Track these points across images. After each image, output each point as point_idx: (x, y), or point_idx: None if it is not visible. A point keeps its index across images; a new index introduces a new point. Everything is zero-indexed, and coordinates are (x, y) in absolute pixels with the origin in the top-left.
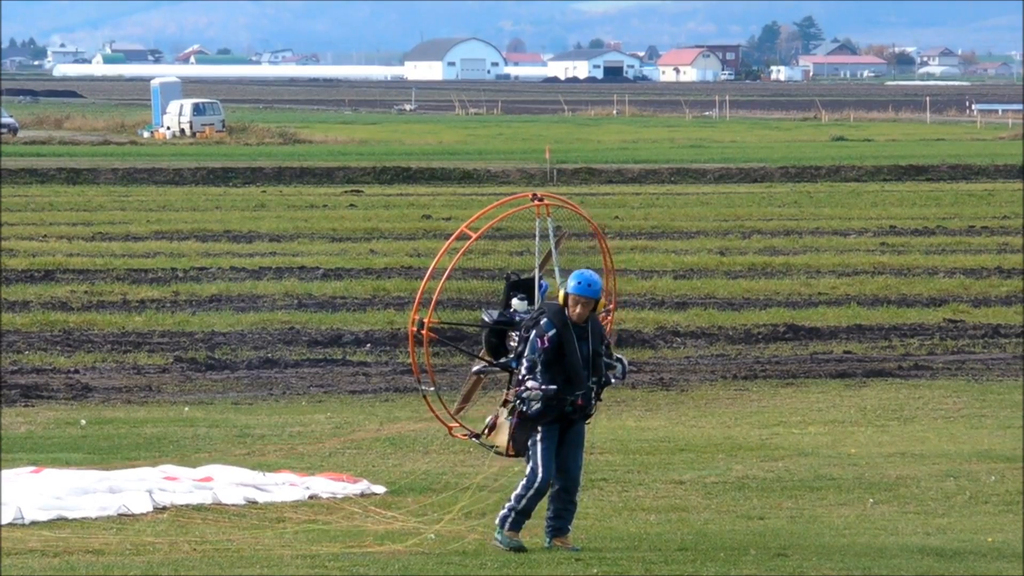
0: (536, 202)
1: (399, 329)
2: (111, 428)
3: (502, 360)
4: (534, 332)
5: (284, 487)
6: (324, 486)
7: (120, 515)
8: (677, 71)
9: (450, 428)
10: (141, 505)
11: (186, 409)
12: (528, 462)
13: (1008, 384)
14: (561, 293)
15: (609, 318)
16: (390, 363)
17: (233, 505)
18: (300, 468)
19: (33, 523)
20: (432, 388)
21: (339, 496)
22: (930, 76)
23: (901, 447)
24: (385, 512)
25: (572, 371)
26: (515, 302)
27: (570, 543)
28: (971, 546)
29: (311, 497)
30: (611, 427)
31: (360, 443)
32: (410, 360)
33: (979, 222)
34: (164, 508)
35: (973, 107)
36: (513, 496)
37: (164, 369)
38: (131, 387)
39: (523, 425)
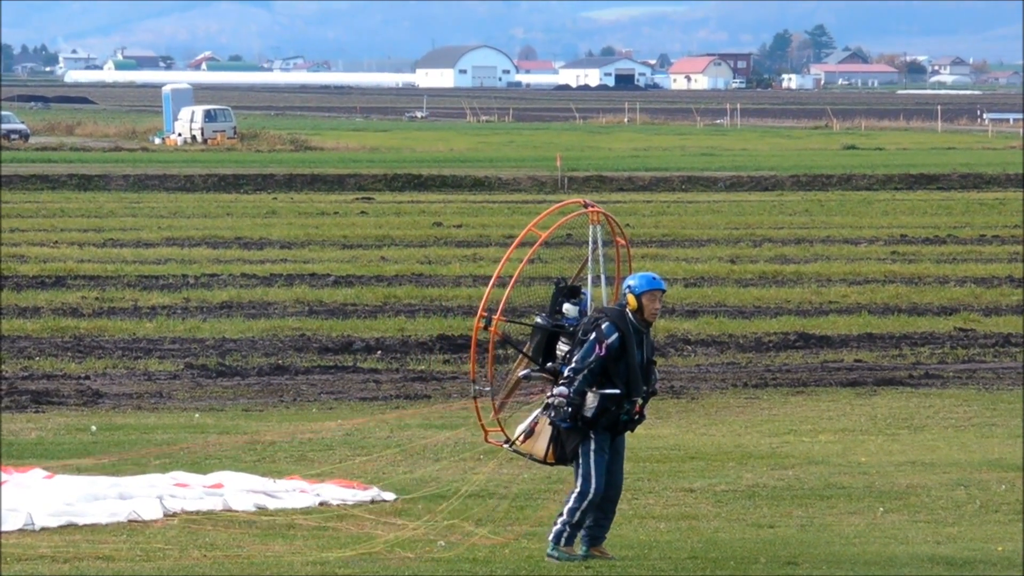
0: (588, 208)
1: (410, 336)
2: (122, 434)
3: (549, 365)
4: (593, 336)
5: (294, 494)
6: (334, 493)
7: (130, 521)
8: (688, 79)
9: (487, 432)
10: (151, 512)
11: (196, 416)
12: (578, 473)
13: (1019, 393)
14: (630, 297)
15: None
16: (401, 370)
17: (243, 512)
18: (310, 475)
19: (44, 529)
20: (487, 389)
21: (349, 503)
22: (941, 85)
23: (911, 456)
24: (395, 519)
25: (631, 376)
26: (567, 307)
27: (607, 551)
28: (981, 555)
29: (321, 504)
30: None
31: (371, 450)
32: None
33: (990, 231)
34: (174, 515)
35: (984, 116)
36: (566, 511)
37: (175, 375)
38: (142, 393)
39: (574, 431)
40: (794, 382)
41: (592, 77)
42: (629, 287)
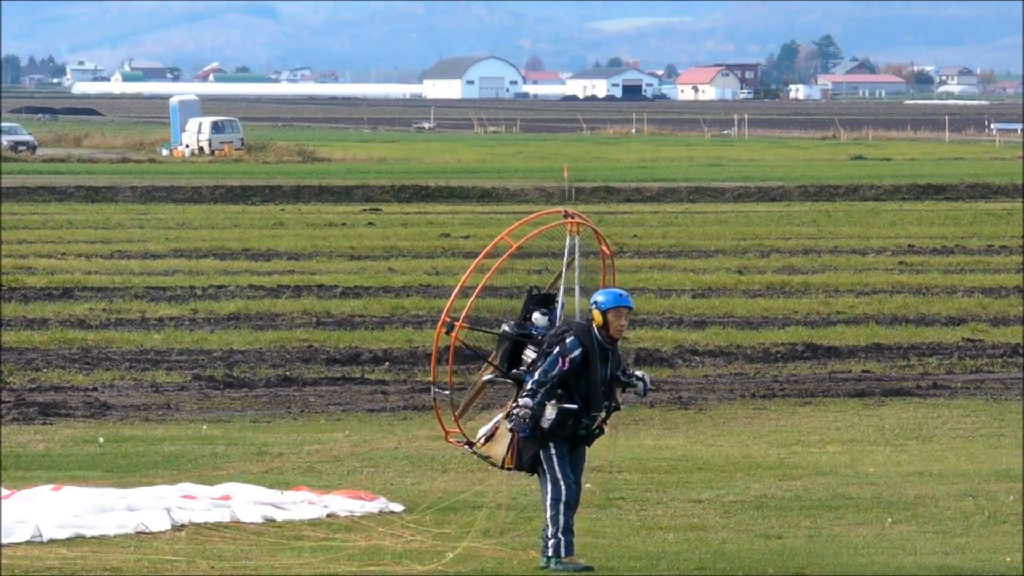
0: (568, 219)
1: (418, 347)
2: (129, 446)
3: (514, 372)
4: (557, 349)
5: (302, 505)
6: (342, 504)
7: (138, 533)
8: (696, 90)
9: (447, 434)
10: (159, 523)
11: (204, 427)
12: (545, 479)
13: None
14: (596, 313)
15: None
16: (408, 381)
17: (251, 523)
18: (318, 486)
19: (51, 541)
20: (447, 392)
21: (357, 514)
22: (949, 95)
23: (919, 466)
24: (403, 530)
25: (592, 392)
26: (536, 316)
27: (575, 558)
28: (989, 566)
29: (329, 515)
30: (629, 446)
31: (378, 461)
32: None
33: (998, 241)
34: (182, 526)
35: (992, 126)
36: (548, 520)
37: (182, 387)
38: (149, 405)
39: (531, 441)
40: (802, 393)
41: (599, 88)
42: (595, 303)
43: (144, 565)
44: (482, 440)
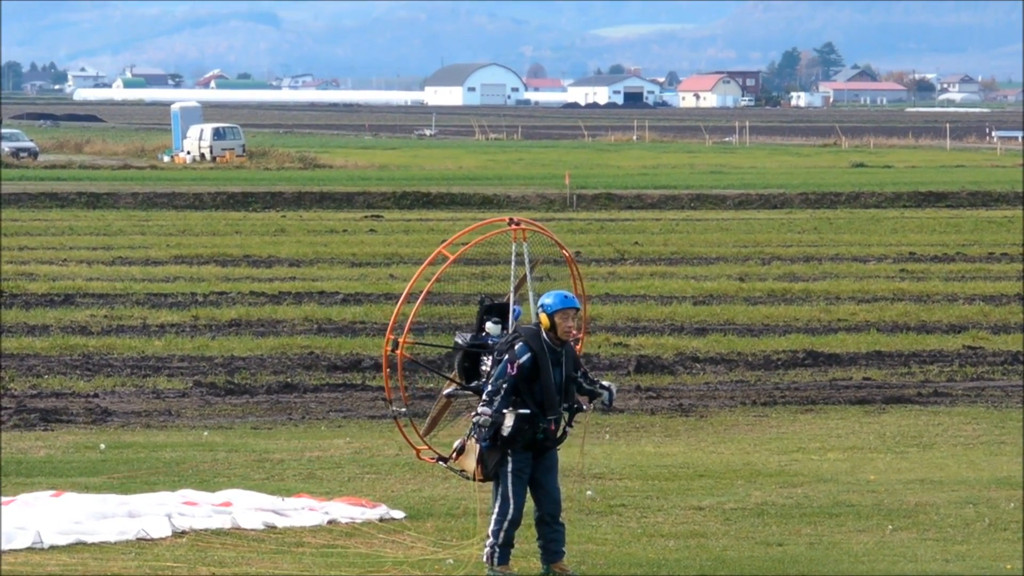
0: (512, 226)
1: (419, 354)
2: (130, 452)
3: (473, 384)
4: (506, 357)
5: (303, 512)
6: (343, 511)
7: (139, 539)
8: (697, 97)
9: (418, 451)
10: (160, 530)
11: (205, 434)
12: (497, 492)
13: None
14: (543, 316)
15: (579, 346)
16: (409, 388)
17: (252, 530)
18: (319, 493)
19: (52, 547)
20: (404, 410)
21: (358, 521)
22: (950, 103)
23: (920, 474)
24: (404, 537)
25: (546, 396)
26: (489, 326)
27: (568, 568)
28: (990, 573)
29: (330, 522)
30: (630, 453)
31: (379, 467)
32: (384, 384)
33: (999, 249)
34: (183, 533)
35: (993, 134)
36: (490, 532)
37: (183, 394)
38: (150, 411)
39: (493, 450)
40: (803, 400)
41: (601, 95)
42: (542, 306)
43: (145, 571)
44: (454, 454)
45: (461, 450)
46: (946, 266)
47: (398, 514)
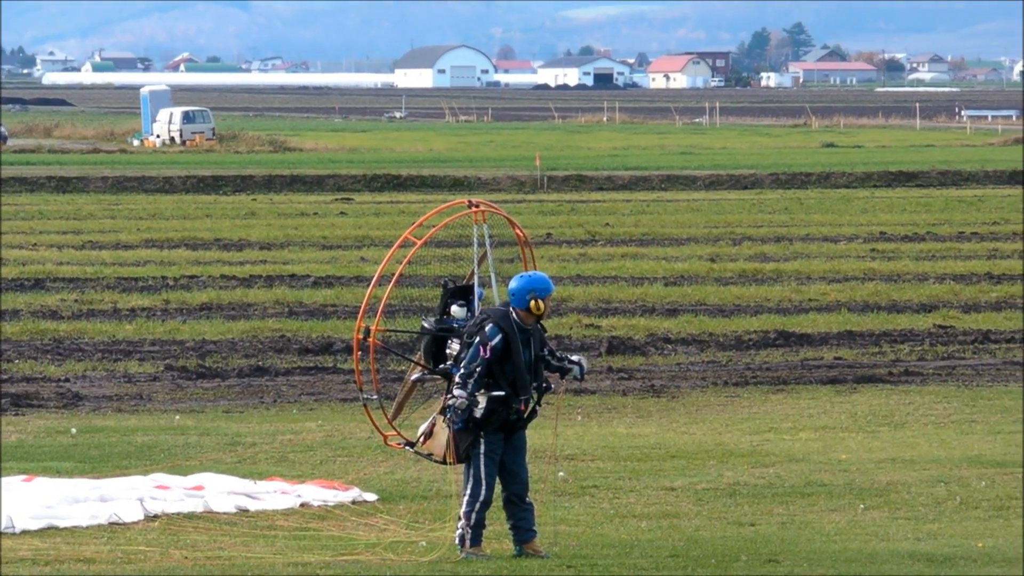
0: (472, 209)
1: (389, 337)
2: (102, 437)
3: (441, 367)
4: (477, 339)
5: (275, 495)
6: (315, 494)
7: (111, 524)
8: (667, 78)
9: (385, 437)
10: (132, 514)
11: (177, 417)
12: (469, 474)
13: (998, 390)
14: (533, 302)
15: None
16: (381, 371)
17: (224, 513)
18: (291, 476)
19: (24, 532)
20: (375, 397)
21: (330, 504)
22: (920, 82)
23: (892, 453)
24: (376, 520)
25: (517, 376)
26: (454, 309)
27: (540, 548)
28: (962, 551)
29: (302, 505)
30: (602, 434)
31: (351, 450)
32: (355, 370)
33: (969, 228)
34: (155, 517)
35: (963, 113)
36: (462, 514)
37: (155, 377)
38: (122, 395)
39: (465, 432)
40: (774, 380)
41: (571, 76)
42: (511, 288)
43: (117, 556)
44: (421, 439)
45: (429, 434)
46: (916, 245)
47: (370, 497)
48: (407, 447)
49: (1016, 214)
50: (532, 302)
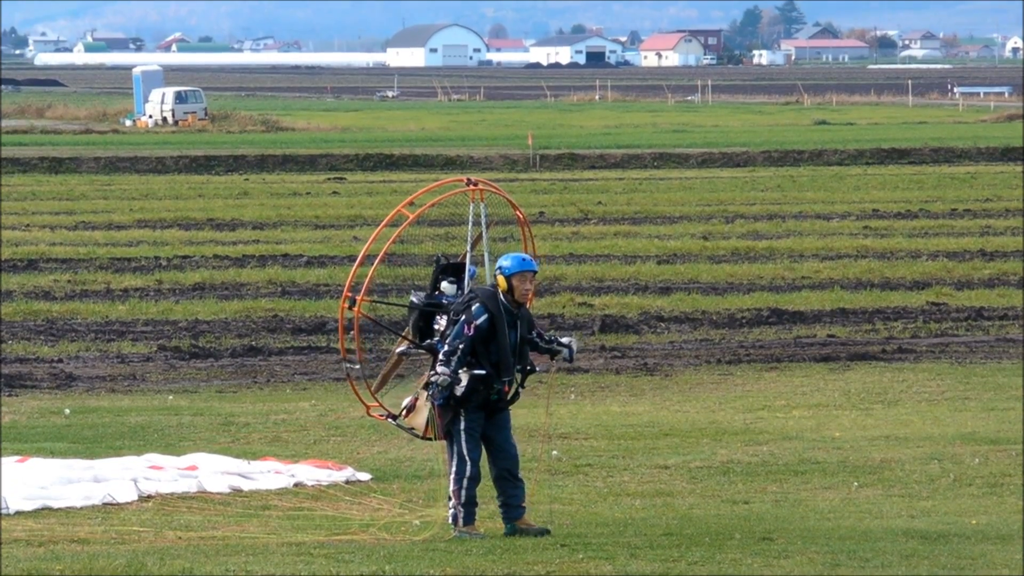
0: (471, 187)
1: (383, 316)
2: (95, 417)
3: (427, 342)
4: (463, 317)
5: (269, 475)
6: (309, 473)
7: (105, 504)
8: (659, 56)
9: (368, 408)
10: (126, 494)
11: (170, 398)
12: (452, 452)
13: (991, 367)
14: (500, 278)
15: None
16: (374, 350)
17: (218, 493)
18: (285, 455)
19: (18, 513)
20: (358, 366)
21: (324, 483)
22: (912, 59)
23: (885, 430)
24: (370, 499)
25: (501, 357)
26: (444, 285)
27: (532, 524)
28: (956, 528)
29: (296, 485)
30: (595, 412)
31: (345, 430)
32: (340, 341)
33: (962, 205)
34: (149, 497)
35: (955, 90)
36: (451, 492)
37: (148, 358)
38: (115, 376)
39: (446, 408)
40: (767, 358)
41: (563, 55)
42: (500, 268)
43: (111, 536)
44: (404, 412)
45: (411, 408)
46: (909, 223)
47: (364, 476)
48: (389, 419)
49: (1009, 191)
50: (515, 282)
